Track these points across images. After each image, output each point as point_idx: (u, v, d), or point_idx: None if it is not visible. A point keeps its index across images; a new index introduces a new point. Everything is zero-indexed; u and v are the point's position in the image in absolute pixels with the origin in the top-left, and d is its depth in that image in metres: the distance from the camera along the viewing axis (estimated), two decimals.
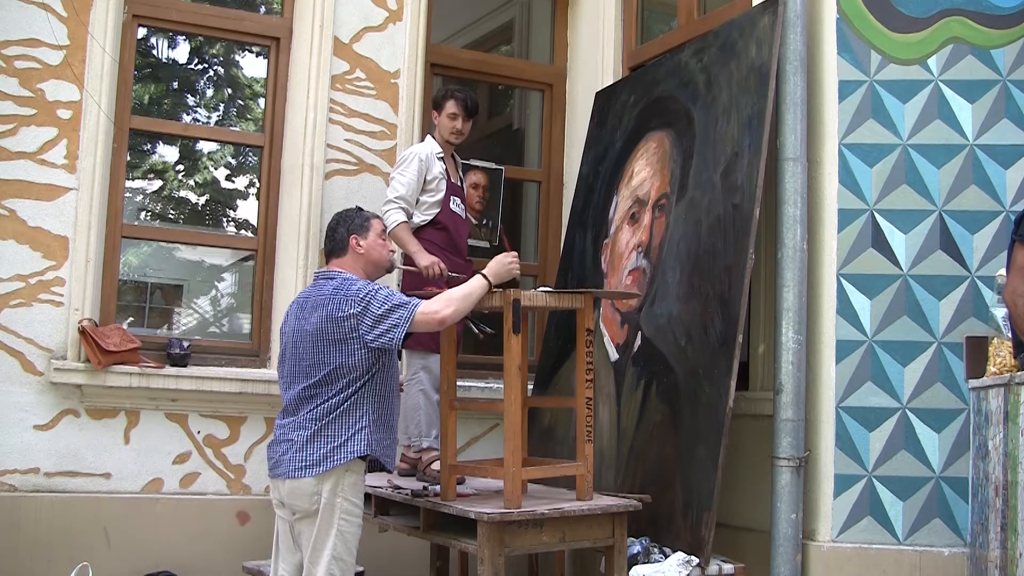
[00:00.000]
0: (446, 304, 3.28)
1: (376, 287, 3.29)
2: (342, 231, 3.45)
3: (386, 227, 4.19)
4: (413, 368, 4.27)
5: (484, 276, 3.40)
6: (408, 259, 4.27)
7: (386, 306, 3.21)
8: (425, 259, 4.17)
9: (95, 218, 4.45)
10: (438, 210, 4.36)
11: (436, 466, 4.07)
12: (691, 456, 3.72)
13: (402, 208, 4.25)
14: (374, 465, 3.44)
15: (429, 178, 4.33)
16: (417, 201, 4.32)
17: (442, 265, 4.17)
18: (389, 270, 3.62)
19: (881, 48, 3.89)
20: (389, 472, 3.51)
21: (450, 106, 4.43)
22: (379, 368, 3.31)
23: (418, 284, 4.12)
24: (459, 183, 4.57)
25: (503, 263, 3.48)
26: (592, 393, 3.60)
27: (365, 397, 3.28)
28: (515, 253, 3.55)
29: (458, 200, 4.50)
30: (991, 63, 3.82)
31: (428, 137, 4.52)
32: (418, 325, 3.24)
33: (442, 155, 4.43)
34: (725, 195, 3.92)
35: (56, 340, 4.36)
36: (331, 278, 3.36)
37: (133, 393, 4.44)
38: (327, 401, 3.25)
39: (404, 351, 4.34)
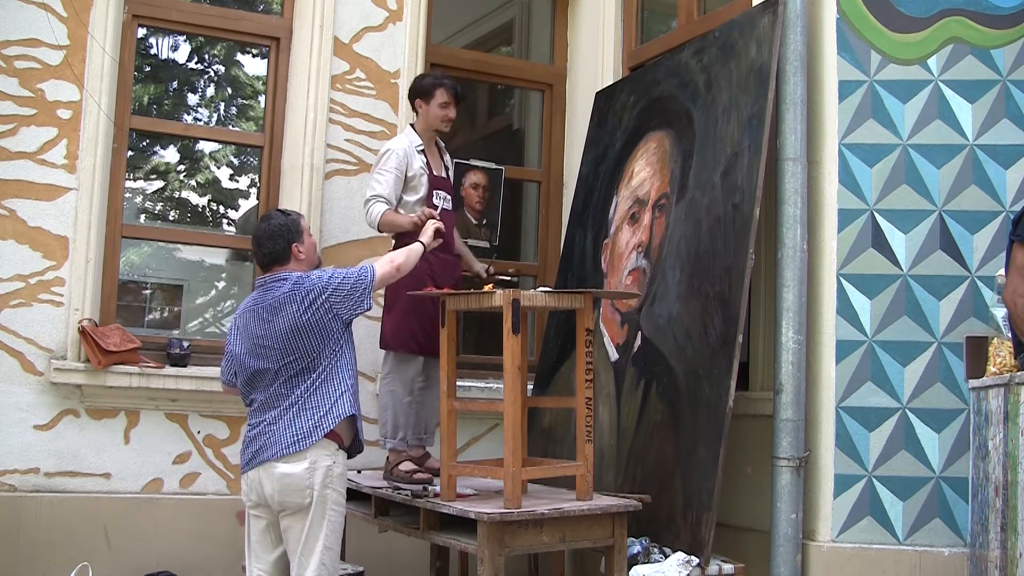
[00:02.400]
0: (393, 258, 3.67)
1: (328, 271, 3.48)
2: (282, 243, 3.48)
3: (371, 220, 4.12)
4: (386, 367, 4.22)
5: (420, 242, 3.87)
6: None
7: (348, 280, 3.42)
8: (416, 219, 4.07)
9: (95, 218, 4.45)
10: (422, 208, 4.23)
11: (403, 467, 4.07)
12: (691, 456, 3.72)
13: (382, 201, 4.10)
14: (353, 449, 3.52)
15: (410, 175, 4.18)
16: (400, 200, 4.17)
17: (428, 211, 4.08)
18: (318, 265, 3.72)
19: (881, 48, 3.89)
20: (360, 448, 3.56)
21: (440, 95, 4.27)
22: (348, 336, 3.47)
23: (417, 285, 4.07)
24: (444, 174, 4.40)
25: (429, 235, 3.91)
26: (592, 393, 3.60)
27: (340, 364, 3.41)
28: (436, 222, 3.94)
29: (443, 193, 4.32)
30: (991, 63, 3.82)
31: (408, 128, 4.36)
32: (383, 280, 3.59)
33: (422, 147, 4.26)
34: (725, 195, 3.92)
35: (56, 340, 4.36)
36: (283, 279, 3.42)
37: (133, 393, 4.44)
38: (307, 381, 3.36)
39: (384, 350, 4.27)
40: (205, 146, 9.20)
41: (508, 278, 4.83)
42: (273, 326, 3.36)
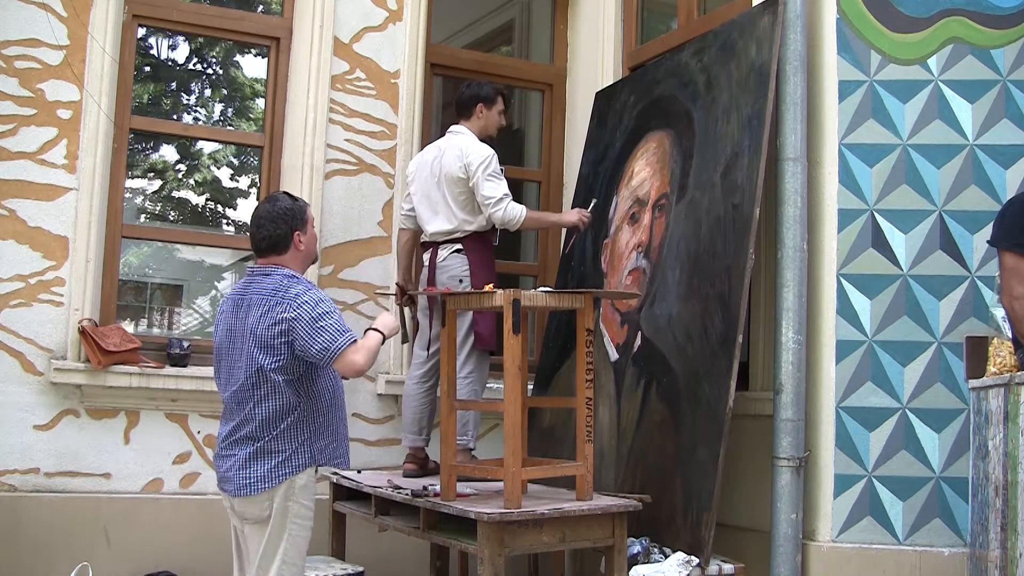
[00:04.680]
0: (365, 355, 3.16)
1: (318, 297, 3.16)
2: (284, 228, 3.23)
3: (510, 218, 4.22)
4: (467, 367, 4.24)
5: (378, 331, 3.31)
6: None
7: (322, 324, 3.09)
8: (571, 216, 4.52)
9: (95, 218, 4.45)
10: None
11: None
12: (691, 456, 3.72)
13: (513, 200, 4.26)
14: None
15: None
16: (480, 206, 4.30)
17: (585, 214, 4.51)
18: (314, 260, 3.50)
19: (881, 48, 3.89)
20: (340, 464, 3.39)
21: (500, 102, 4.53)
22: (312, 380, 3.20)
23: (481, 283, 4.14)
24: None
25: (392, 324, 3.39)
26: (592, 393, 3.60)
27: (305, 413, 3.18)
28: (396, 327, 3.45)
29: None
30: (991, 63, 3.82)
31: (468, 132, 4.42)
32: (340, 361, 3.11)
33: None
34: (725, 195, 3.92)
35: (56, 340, 4.36)
36: (268, 274, 3.21)
37: (133, 393, 4.44)
38: (258, 407, 3.14)
39: (469, 350, 4.27)
40: (205, 146, 9.20)
41: None
42: (246, 321, 3.17)
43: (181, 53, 7.80)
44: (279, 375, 3.12)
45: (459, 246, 4.30)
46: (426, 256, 4.41)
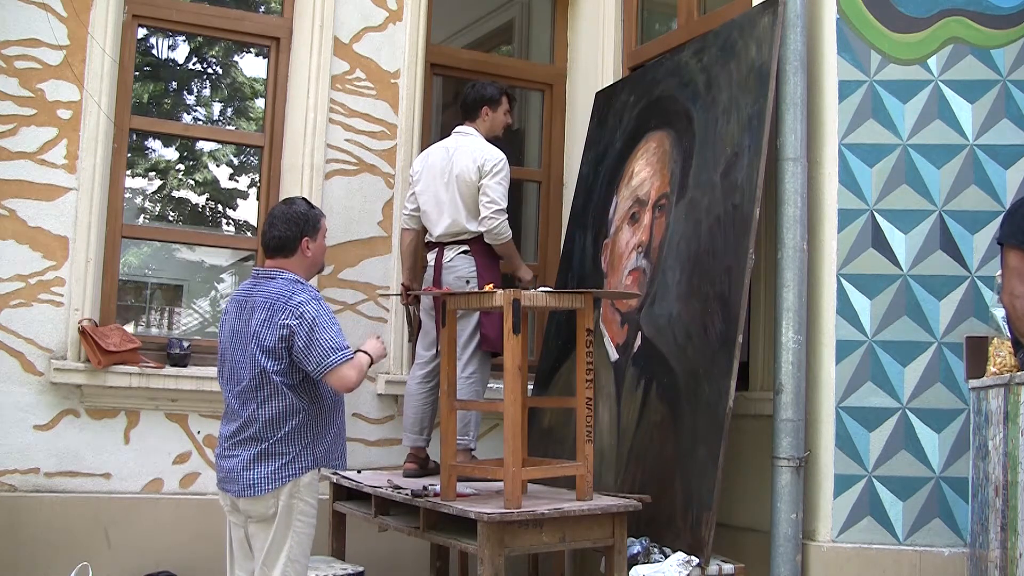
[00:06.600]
0: (358, 373, 3.22)
1: (321, 308, 3.20)
2: (295, 231, 3.28)
3: (501, 235, 4.28)
4: (471, 367, 4.25)
5: (367, 353, 3.33)
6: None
7: (320, 337, 3.13)
8: (528, 273, 4.55)
9: (95, 218, 4.45)
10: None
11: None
12: (691, 456, 3.72)
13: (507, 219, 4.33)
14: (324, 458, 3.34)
15: None
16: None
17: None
18: (321, 270, 3.54)
19: (881, 48, 3.89)
20: (339, 465, 3.40)
21: (505, 103, 4.56)
22: (315, 384, 3.23)
23: (491, 279, 4.17)
24: None
25: (379, 349, 3.39)
26: (592, 393, 3.60)
27: (310, 416, 3.21)
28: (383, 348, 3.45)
29: None
30: (991, 63, 3.82)
31: (477, 134, 4.45)
32: (332, 375, 3.16)
33: None
34: (725, 195, 3.92)
35: (56, 340, 4.36)
36: (272, 277, 3.25)
37: (133, 393, 4.44)
38: (261, 408, 3.17)
39: (473, 351, 4.29)
40: (205, 146, 9.20)
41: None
42: (249, 323, 3.21)
43: (181, 53, 7.80)
44: (280, 378, 3.16)
45: (466, 247, 4.31)
46: (431, 256, 4.42)
